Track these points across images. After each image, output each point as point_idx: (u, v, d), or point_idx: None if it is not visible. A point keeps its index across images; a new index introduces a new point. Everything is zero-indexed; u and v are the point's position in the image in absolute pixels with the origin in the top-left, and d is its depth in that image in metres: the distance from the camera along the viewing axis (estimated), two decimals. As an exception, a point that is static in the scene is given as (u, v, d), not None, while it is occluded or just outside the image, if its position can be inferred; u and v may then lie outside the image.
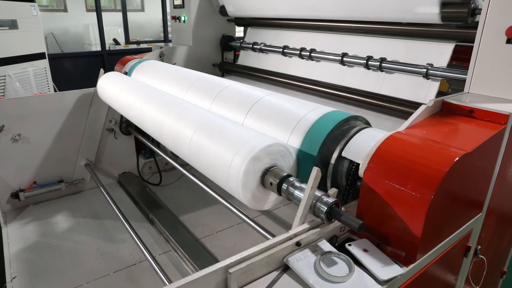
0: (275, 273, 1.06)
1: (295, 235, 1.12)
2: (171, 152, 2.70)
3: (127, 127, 3.16)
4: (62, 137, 2.95)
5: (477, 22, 1.61)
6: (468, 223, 1.43)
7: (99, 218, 2.81)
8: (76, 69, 6.75)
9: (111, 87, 2.57)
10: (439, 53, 2.09)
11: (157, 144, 2.69)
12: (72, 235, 2.61)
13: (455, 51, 2.04)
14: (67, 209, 2.92)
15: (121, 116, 3.07)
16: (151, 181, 3.38)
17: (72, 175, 3.10)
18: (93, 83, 2.86)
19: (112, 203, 2.66)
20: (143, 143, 2.99)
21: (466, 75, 1.69)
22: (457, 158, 1.12)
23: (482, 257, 1.61)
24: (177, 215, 2.84)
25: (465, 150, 1.17)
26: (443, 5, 1.91)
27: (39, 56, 5.06)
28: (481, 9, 1.59)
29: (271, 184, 1.30)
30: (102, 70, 2.90)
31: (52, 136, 2.91)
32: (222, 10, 3.50)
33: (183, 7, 3.53)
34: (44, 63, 5.16)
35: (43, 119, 2.83)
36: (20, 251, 2.42)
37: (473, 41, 1.62)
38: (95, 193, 3.10)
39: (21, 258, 2.35)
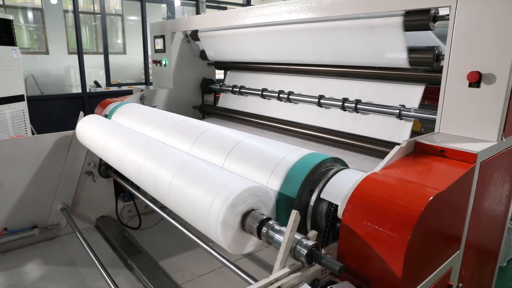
0: (256, 321, 1.04)
1: (276, 279, 1.11)
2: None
3: (106, 169, 3.11)
4: (38, 181, 2.87)
5: (442, 67, 1.71)
6: (448, 260, 1.44)
7: (74, 265, 2.69)
8: (56, 111, 6.68)
9: (91, 130, 2.56)
10: (411, 94, 2.20)
11: (137, 187, 2.65)
12: (44, 284, 2.48)
13: (427, 91, 2.14)
14: (40, 256, 2.79)
15: (100, 158, 3.04)
16: (130, 225, 3.29)
17: (47, 220, 2.99)
18: (73, 126, 2.85)
19: (88, 249, 2.56)
20: (123, 186, 2.93)
21: (436, 115, 1.77)
22: (431, 197, 1.15)
23: (464, 295, 1.61)
24: (157, 260, 2.75)
25: (438, 189, 1.21)
26: (410, 51, 2.03)
27: (17, 99, 5.00)
28: (444, 55, 1.70)
29: (251, 227, 1.29)
30: (81, 113, 2.89)
31: (27, 180, 2.83)
32: (202, 55, 3.61)
33: (164, 52, 3.62)
34: (23, 105, 5.10)
35: (18, 163, 2.76)
36: (-14, 305, 2.28)
37: (440, 84, 1.72)
38: (71, 239, 2.98)
39: (-13, 313, 2.21)
